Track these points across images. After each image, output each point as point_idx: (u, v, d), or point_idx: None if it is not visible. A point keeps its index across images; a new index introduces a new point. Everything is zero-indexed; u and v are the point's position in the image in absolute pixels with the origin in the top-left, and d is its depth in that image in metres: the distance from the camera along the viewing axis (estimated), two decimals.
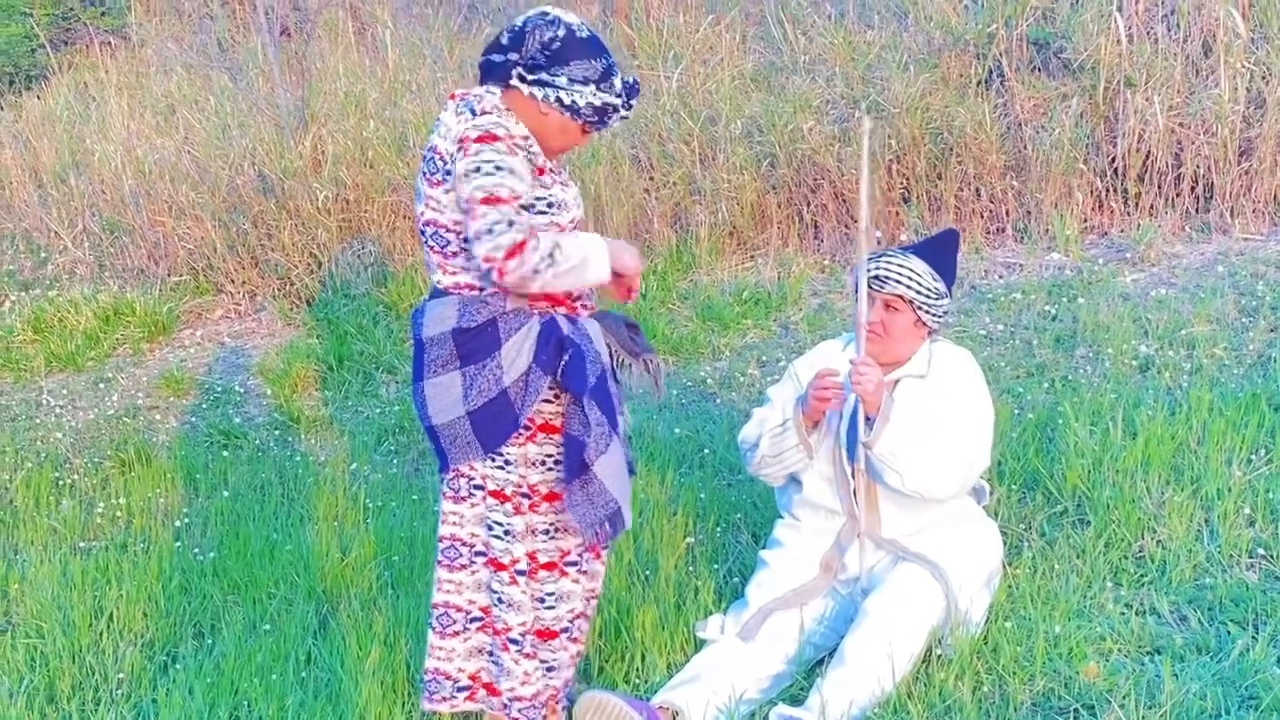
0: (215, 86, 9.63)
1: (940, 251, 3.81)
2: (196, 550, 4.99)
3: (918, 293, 3.70)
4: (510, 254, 3.08)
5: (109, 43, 11.53)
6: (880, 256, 3.77)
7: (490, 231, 3.09)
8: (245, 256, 7.92)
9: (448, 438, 3.32)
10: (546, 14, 3.30)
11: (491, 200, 3.11)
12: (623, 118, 3.38)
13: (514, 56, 3.29)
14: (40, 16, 11.88)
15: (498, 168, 3.14)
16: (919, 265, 3.73)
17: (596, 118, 3.32)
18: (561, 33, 3.27)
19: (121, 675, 4.14)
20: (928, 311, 3.73)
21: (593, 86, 3.28)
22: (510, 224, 3.10)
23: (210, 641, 4.35)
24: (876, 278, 3.72)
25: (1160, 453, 4.51)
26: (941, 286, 3.74)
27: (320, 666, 4.05)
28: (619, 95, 3.32)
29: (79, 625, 4.39)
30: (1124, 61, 7.11)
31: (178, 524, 5.33)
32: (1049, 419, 5.02)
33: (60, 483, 5.90)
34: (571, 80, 3.26)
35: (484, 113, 3.24)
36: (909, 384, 3.75)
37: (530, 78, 3.27)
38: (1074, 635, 3.66)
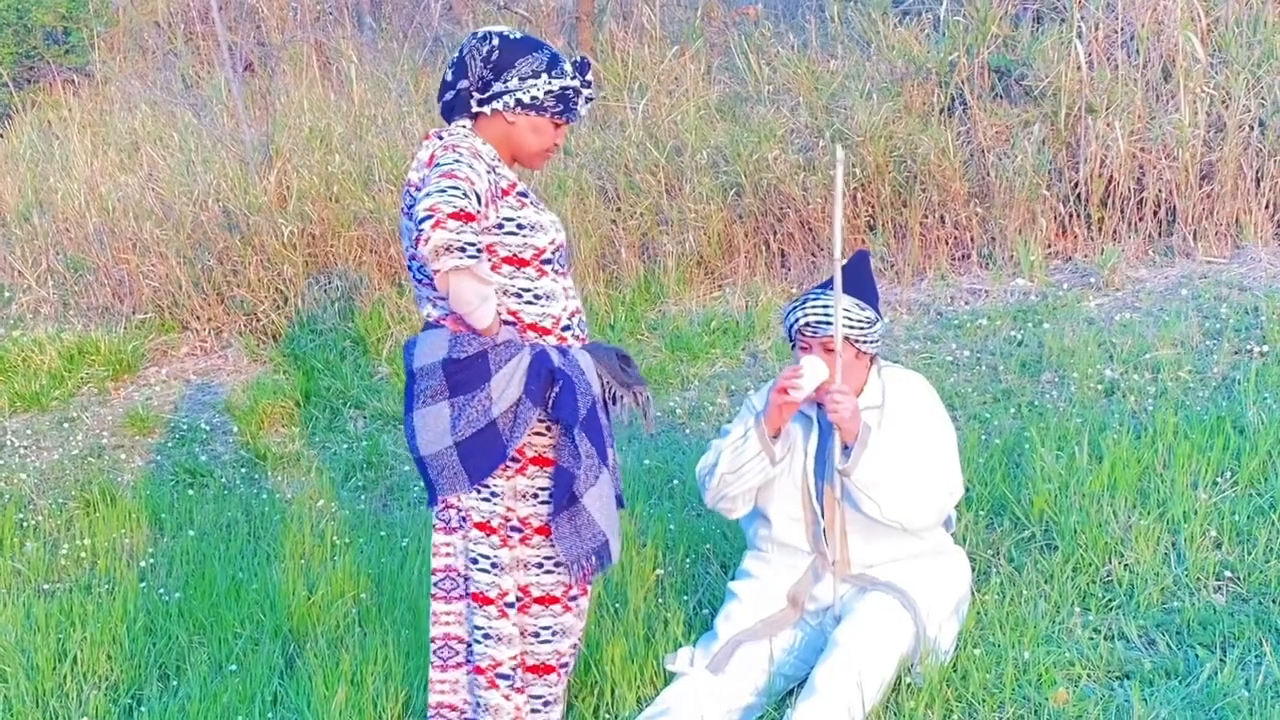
0: (179, 123, 9.60)
1: (855, 275, 3.79)
2: (162, 591, 4.95)
3: (850, 328, 3.69)
4: (455, 215, 2.97)
5: (72, 80, 11.50)
6: (805, 303, 3.75)
7: (443, 191, 3.00)
8: (211, 293, 7.88)
9: (435, 468, 3.30)
10: (476, 33, 3.37)
11: (449, 175, 3.07)
12: (588, 99, 3.40)
13: (464, 85, 3.33)
14: (3, 54, 11.84)
15: (457, 160, 3.14)
16: (844, 301, 3.71)
17: (561, 106, 3.35)
18: (496, 42, 3.32)
19: (85, 719, 4.09)
20: (864, 341, 3.73)
21: (544, 76, 3.32)
22: (465, 195, 3.02)
23: (175, 683, 4.31)
24: (808, 324, 3.71)
25: (1126, 477, 4.52)
26: (870, 313, 3.73)
27: (287, 707, 4.02)
28: (573, 76, 3.36)
29: (42, 668, 4.34)
30: (1085, 88, 7.16)
31: (143, 564, 5.28)
32: (1015, 444, 5.03)
33: (24, 524, 5.84)
34: (522, 79, 3.31)
35: (450, 134, 3.30)
36: (868, 416, 3.74)
37: (486, 95, 3.31)
38: (1043, 661, 3.66)
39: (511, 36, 3.34)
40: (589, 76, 3.38)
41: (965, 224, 7.23)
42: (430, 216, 2.96)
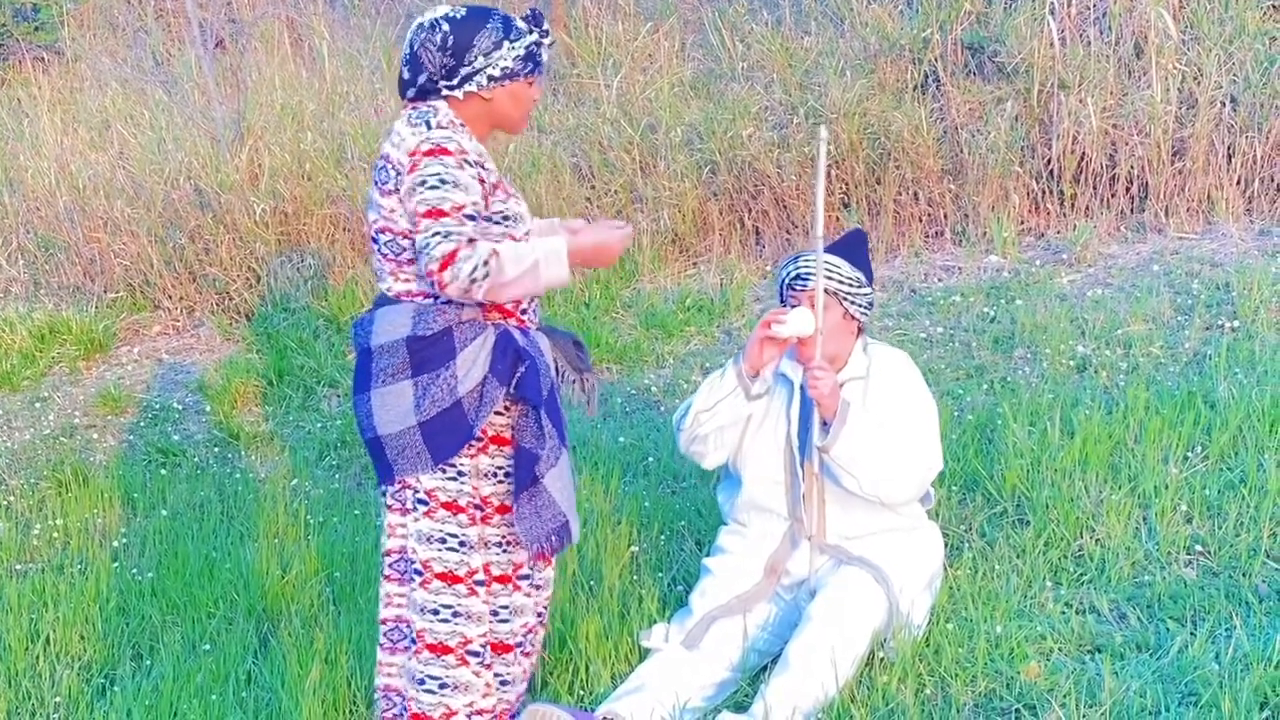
0: (150, 101, 9.51)
1: (850, 252, 3.81)
2: (135, 570, 4.93)
3: (840, 283, 3.71)
4: (443, 265, 3.06)
5: (42, 58, 11.38)
6: (798, 259, 3.78)
7: (426, 246, 3.09)
8: (183, 272, 7.83)
9: (395, 448, 3.28)
10: (421, 25, 3.32)
11: (432, 214, 3.11)
12: (549, 46, 3.39)
13: (424, 77, 3.29)
14: None
15: (442, 180, 3.13)
16: (835, 258, 3.73)
17: (530, 65, 3.34)
18: (446, 27, 3.28)
19: (58, 699, 4.09)
20: (853, 302, 3.74)
21: (505, 45, 3.30)
22: (446, 235, 3.07)
23: (149, 663, 4.30)
24: (798, 277, 3.72)
25: (1098, 452, 4.54)
26: (861, 275, 3.76)
27: (261, 686, 4.01)
28: (530, 32, 3.34)
29: (15, 649, 4.33)
30: (1057, 64, 7.17)
31: (115, 544, 5.25)
32: (988, 420, 5.05)
33: None
34: (486, 55, 3.28)
35: (439, 127, 3.23)
36: (852, 387, 3.76)
37: (455, 81, 3.28)
38: (1015, 635, 3.68)
39: (457, 17, 3.28)
40: (545, 26, 3.37)
41: (939, 201, 7.24)
42: (431, 279, 3.09)
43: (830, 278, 3.69)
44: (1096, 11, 7.44)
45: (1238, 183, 6.92)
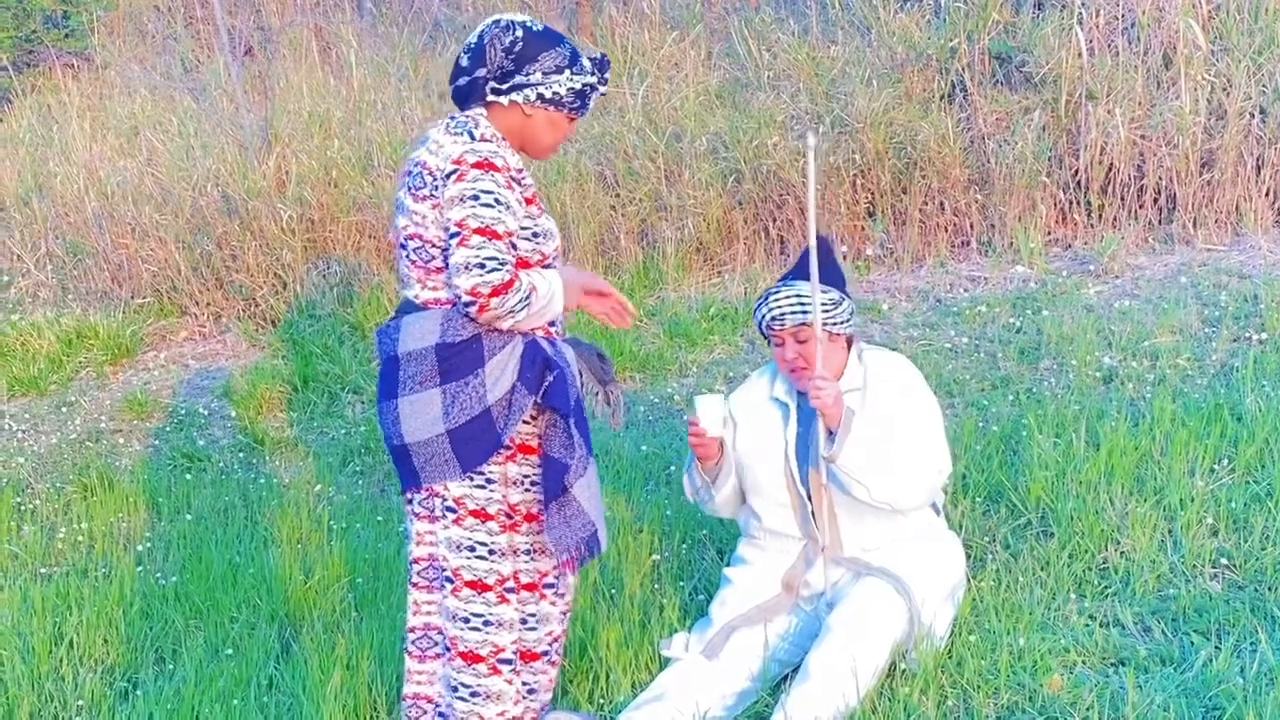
0: (179, 107, 9.59)
1: (818, 270, 3.79)
2: (158, 574, 4.95)
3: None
4: (495, 292, 3.10)
5: (72, 65, 11.47)
6: (769, 297, 3.76)
7: (482, 266, 3.10)
8: (209, 278, 7.88)
9: (423, 456, 3.28)
10: (499, 21, 3.33)
11: (487, 233, 3.12)
12: (601, 94, 3.42)
13: (481, 73, 3.30)
14: (2, 38, 11.82)
15: (497, 200, 3.15)
16: (805, 288, 3.71)
17: (579, 102, 3.36)
18: (520, 33, 3.30)
19: (81, 702, 4.10)
20: (833, 323, 3.73)
21: (566, 73, 3.32)
22: (502, 263, 3.11)
23: (171, 667, 4.31)
24: (775, 318, 3.72)
25: (1123, 464, 4.52)
26: (835, 294, 3.74)
27: (282, 691, 4.02)
28: (592, 73, 3.36)
29: (39, 652, 4.35)
30: (1085, 74, 7.15)
31: (140, 548, 5.28)
32: (1013, 431, 5.03)
33: (21, 508, 5.84)
34: (545, 74, 3.30)
35: (484, 139, 3.24)
36: (850, 398, 3.74)
37: (505, 86, 3.30)
38: (1038, 648, 3.65)
39: (534, 28, 3.32)
40: (606, 74, 3.40)
41: (965, 211, 7.22)
42: (474, 302, 3.12)
43: (805, 311, 3.68)
44: (1125, 22, 7.41)
45: (1267, 194, 6.89)
